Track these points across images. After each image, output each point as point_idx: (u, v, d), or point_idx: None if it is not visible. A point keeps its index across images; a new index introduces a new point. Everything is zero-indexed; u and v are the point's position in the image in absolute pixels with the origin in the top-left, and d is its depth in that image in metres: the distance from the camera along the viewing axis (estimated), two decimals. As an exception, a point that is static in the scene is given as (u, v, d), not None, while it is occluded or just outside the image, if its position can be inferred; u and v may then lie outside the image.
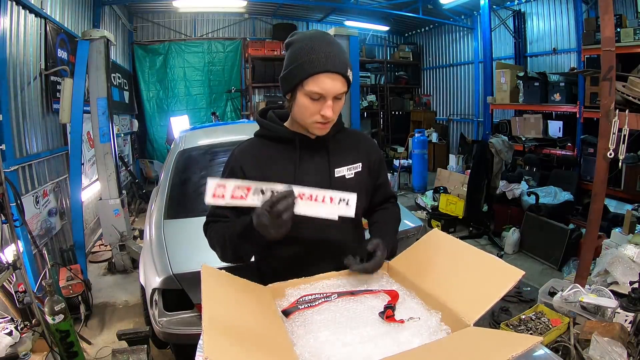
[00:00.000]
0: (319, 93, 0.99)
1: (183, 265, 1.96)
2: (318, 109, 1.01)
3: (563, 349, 1.96)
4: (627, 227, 3.14)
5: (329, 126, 1.07)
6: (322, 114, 1.01)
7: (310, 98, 1.00)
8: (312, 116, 1.02)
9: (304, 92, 1.00)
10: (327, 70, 0.97)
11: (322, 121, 1.03)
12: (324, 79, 0.97)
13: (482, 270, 1.00)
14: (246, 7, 6.89)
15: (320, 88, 0.98)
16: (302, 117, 1.05)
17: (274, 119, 1.17)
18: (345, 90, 1.03)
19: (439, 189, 5.43)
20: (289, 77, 1.02)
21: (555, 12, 6.05)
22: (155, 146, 7.79)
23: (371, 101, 9.14)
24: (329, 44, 1.00)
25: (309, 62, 0.97)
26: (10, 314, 2.28)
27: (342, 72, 0.99)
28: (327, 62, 0.97)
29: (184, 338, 1.92)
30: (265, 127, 1.17)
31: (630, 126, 2.21)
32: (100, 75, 3.47)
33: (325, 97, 0.99)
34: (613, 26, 2.25)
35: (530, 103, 5.53)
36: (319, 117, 1.02)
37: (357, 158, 1.19)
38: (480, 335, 0.85)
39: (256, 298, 0.99)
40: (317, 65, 0.97)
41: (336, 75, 0.98)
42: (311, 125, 1.05)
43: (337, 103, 1.03)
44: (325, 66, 0.97)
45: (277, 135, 1.14)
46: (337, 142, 1.17)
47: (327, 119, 1.02)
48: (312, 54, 0.98)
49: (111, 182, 3.70)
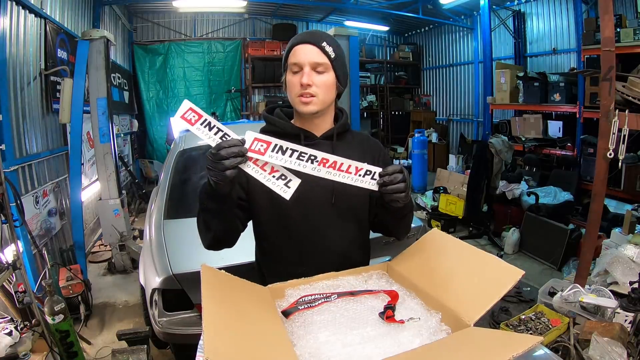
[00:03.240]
0: (295, 63, 1.06)
1: (183, 265, 1.96)
2: (299, 81, 1.06)
3: (563, 349, 1.96)
4: (627, 227, 3.14)
5: (313, 101, 1.07)
6: (300, 82, 1.05)
7: (292, 72, 1.07)
8: (294, 89, 1.07)
9: (288, 70, 1.09)
10: (300, 41, 1.07)
11: (303, 91, 1.06)
12: (298, 50, 1.06)
13: (482, 269, 1.00)
14: (246, 7, 6.88)
15: (295, 58, 1.06)
16: (290, 96, 1.10)
17: (281, 115, 1.18)
18: (324, 62, 1.06)
19: (439, 189, 5.43)
20: (283, 67, 1.12)
21: (555, 12, 6.06)
22: (155, 146, 7.79)
23: (371, 101, 9.15)
24: (315, 30, 1.15)
25: (290, 42, 1.09)
26: (10, 314, 2.28)
27: (315, 42, 1.06)
28: (303, 37, 1.08)
29: (184, 338, 1.92)
30: (271, 122, 1.18)
31: (630, 126, 2.21)
32: (100, 75, 3.47)
33: (302, 66, 1.05)
34: (613, 26, 2.25)
35: (530, 103, 5.53)
36: (299, 88, 1.06)
37: (363, 157, 1.18)
38: (480, 336, 0.85)
39: (256, 298, 0.99)
40: (294, 41, 1.09)
41: (309, 45, 1.06)
42: (296, 100, 1.09)
43: (318, 76, 1.07)
44: (299, 39, 1.08)
45: (283, 130, 1.14)
46: (342, 140, 1.18)
47: (304, 87, 1.05)
48: (294, 38, 1.10)
49: (111, 182, 3.70)
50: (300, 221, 1.12)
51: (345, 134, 1.19)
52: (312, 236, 1.13)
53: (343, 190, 1.07)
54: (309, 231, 1.12)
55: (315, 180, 1.03)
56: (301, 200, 1.04)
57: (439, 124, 8.87)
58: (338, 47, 1.10)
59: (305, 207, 1.10)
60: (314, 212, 1.12)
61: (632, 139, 3.15)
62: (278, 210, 1.11)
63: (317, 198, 1.10)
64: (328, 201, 1.11)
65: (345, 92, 1.27)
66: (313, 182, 1.09)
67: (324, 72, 1.07)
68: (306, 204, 1.09)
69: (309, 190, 1.07)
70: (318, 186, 1.10)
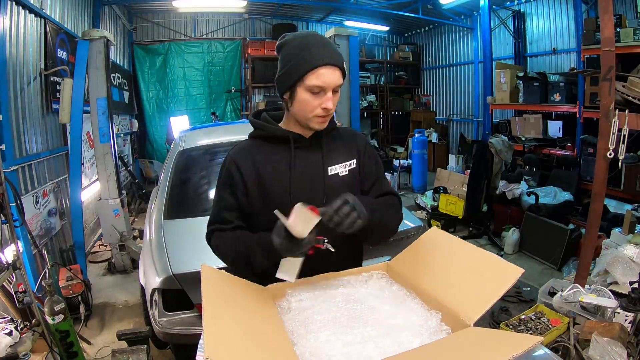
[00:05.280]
0: (320, 86, 1.02)
1: (183, 265, 1.96)
2: (319, 103, 1.04)
3: (563, 349, 1.96)
4: (627, 227, 3.14)
5: (328, 119, 1.09)
6: (323, 106, 1.03)
7: (311, 92, 1.03)
8: (314, 110, 1.05)
9: (305, 87, 1.03)
10: (326, 63, 1.01)
11: (323, 114, 1.05)
12: (324, 72, 1.01)
13: (481, 268, 1.00)
14: (246, 7, 6.89)
15: (321, 81, 1.01)
16: (304, 113, 1.07)
17: (268, 120, 1.18)
18: (342, 83, 1.06)
19: (439, 189, 5.42)
20: (286, 75, 1.04)
21: (555, 12, 6.05)
22: (155, 146, 7.78)
23: (371, 101, 9.14)
24: (322, 38, 1.06)
25: (309, 56, 1.01)
26: (10, 314, 2.28)
27: (339, 64, 1.03)
28: (326, 55, 1.01)
29: (184, 338, 1.92)
30: (259, 127, 1.17)
31: (629, 126, 2.21)
32: (100, 75, 3.47)
33: (326, 90, 1.02)
34: (613, 26, 2.25)
35: (530, 103, 5.53)
36: (320, 110, 1.04)
37: (351, 155, 1.19)
38: (480, 336, 0.85)
39: (256, 298, 0.99)
40: (317, 59, 1.00)
41: (335, 67, 1.02)
42: (312, 119, 1.07)
43: (335, 95, 1.06)
44: (324, 59, 1.01)
45: (272, 134, 1.15)
46: (330, 140, 1.18)
47: (329, 111, 1.05)
48: (309, 49, 1.01)
49: (111, 182, 3.70)
50: None
51: (332, 131, 1.19)
52: None
53: (334, 191, 1.07)
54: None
55: (307, 181, 1.03)
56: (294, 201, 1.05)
57: (439, 124, 8.87)
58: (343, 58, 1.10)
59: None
60: None
61: (632, 139, 3.15)
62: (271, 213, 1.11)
63: (309, 199, 1.07)
64: (320, 201, 1.10)
65: (345, 92, 1.28)
66: (305, 183, 1.09)
67: (339, 90, 1.07)
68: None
69: (299, 194, 1.07)
70: (311, 188, 1.11)
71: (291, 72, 1.03)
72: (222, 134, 3.15)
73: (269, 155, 1.14)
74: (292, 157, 1.12)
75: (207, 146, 3.01)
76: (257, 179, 1.12)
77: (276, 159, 1.13)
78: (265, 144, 1.16)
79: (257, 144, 1.17)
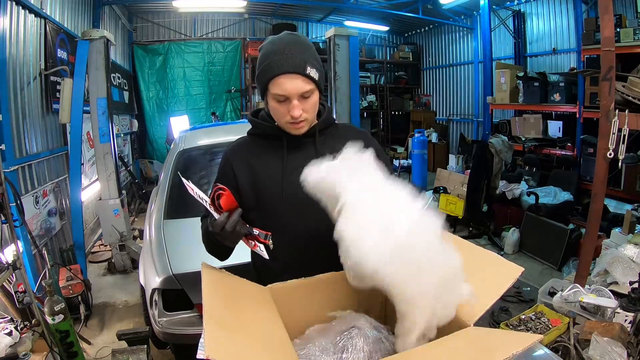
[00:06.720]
0: (282, 95, 1.00)
1: (183, 265, 1.96)
2: (287, 110, 1.02)
3: (563, 349, 1.96)
4: (626, 227, 3.14)
5: (304, 125, 1.07)
6: (290, 114, 1.02)
7: (277, 100, 1.02)
8: (284, 117, 1.04)
9: (271, 96, 1.03)
10: (282, 71, 0.98)
11: (293, 121, 1.04)
12: (282, 81, 0.99)
13: (481, 267, 0.99)
14: (246, 7, 6.89)
15: (282, 90, 0.99)
16: (277, 119, 1.08)
17: (265, 118, 1.18)
18: (311, 88, 1.02)
19: (439, 189, 5.42)
20: (257, 83, 1.06)
21: (555, 12, 6.05)
22: (155, 146, 7.79)
23: (371, 101, 9.14)
24: (287, 44, 1.00)
25: (268, 66, 0.99)
26: (10, 314, 2.28)
27: (299, 71, 0.98)
28: (283, 64, 0.98)
29: (184, 338, 1.92)
30: (255, 125, 1.18)
31: (630, 126, 2.21)
32: (100, 75, 3.47)
33: (290, 98, 1.01)
34: (613, 26, 2.25)
35: (530, 103, 5.52)
36: (289, 117, 1.03)
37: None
38: (480, 335, 0.85)
39: (256, 298, 0.99)
40: (274, 68, 0.98)
41: (294, 75, 0.98)
42: (285, 125, 1.07)
43: (306, 102, 1.03)
44: (281, 68, 0.98)
45: (266, 132, 1.15)
46: (326, 137, 1.16)
47: (296, 119, 1.03)
48: (270, 58, 0.99)
49: (111, 182, 3.70)
50: (298, 223, 1.12)
51: (329, 128, 1.18)
52: (310, 236, 1.12)
53: None
54: (306, 232, 1.12)
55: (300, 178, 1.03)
56: (287, 198, 1.08)
57: (438, 124, 8.87)
58: (319, 63, 1.04)
59: (293, 204, 1.09)
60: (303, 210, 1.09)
61: (632, 139, 3.15)
62: (264, 209, 1.12)
63: (302, 196, 1.00)
64: (312, 198, 1.08)
65: (345, 92, 1.27)
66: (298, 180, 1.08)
67: (310, 95, 1.03)
68: (294, 202, 1.08)
69: (292, 191, 1.06)
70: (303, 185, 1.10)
71: (259, 82, 1.04)
72: (222, 134, 3.15)
73: (263, 152, 1.15)
74: (284, 154, 1.13)
75: (207, 146, 3.01)
76: (250, 176, 1.13)
77: (270, 156, 1.14)
78: (260, 140, 1.17)
79: (253, 141, 1.19)
